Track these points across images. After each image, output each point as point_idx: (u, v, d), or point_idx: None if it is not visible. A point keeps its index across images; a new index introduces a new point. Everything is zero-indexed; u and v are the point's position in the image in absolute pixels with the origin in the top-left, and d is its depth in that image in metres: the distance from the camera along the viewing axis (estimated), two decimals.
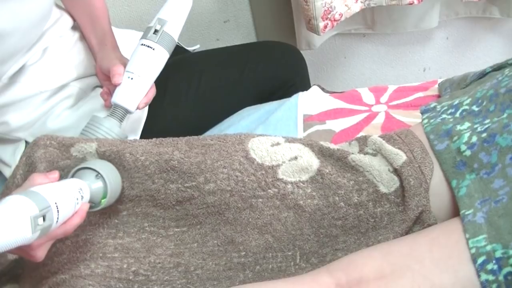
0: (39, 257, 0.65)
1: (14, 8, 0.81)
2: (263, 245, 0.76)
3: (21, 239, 0.54)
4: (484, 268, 0.60)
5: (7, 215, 0.53)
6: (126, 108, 0.92)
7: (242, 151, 0.78)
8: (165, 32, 0.93)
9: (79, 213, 0.66)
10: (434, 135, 0.77)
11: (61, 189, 0.63)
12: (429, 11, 1.59)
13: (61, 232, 0.65)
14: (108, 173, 0.73)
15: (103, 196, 0.72)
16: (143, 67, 0.93)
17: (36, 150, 0.79)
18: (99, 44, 1.03)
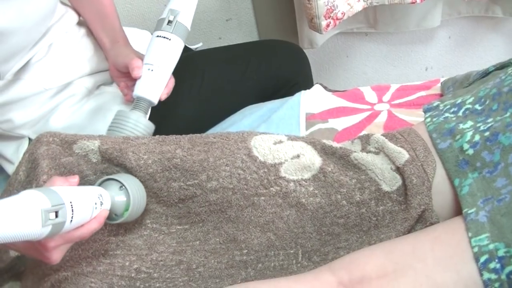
0: (55, 260, 0.64)
1: (19, 7, 0.81)
2: (265, 243, 0.76)
3: (31, 231, 0.53)
4: (486, 267, 0.59)
5: (18, 206, 0.52)
6: (149, 100, 0.94)
7: (245, 149, 0.78)
8: (178, 22, 0.94)
9: (97, 218, 0.66)
10: (436, 134, 0.77)
11: (78, 191, 0.63)
12: (432, 10, 1.58)
13: (78, 235, 0.64)
14: (133, 187, 0.73)
15: (125, 208, 0.72)
16: (161, 58, 0.94)
17: (39, 147, 0.80)
18: (110, 42, 1.03)
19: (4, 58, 0.85)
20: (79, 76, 1.02)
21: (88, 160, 0.80)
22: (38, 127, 0.99)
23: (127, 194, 0.72)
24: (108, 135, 0.83)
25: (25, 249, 0.66)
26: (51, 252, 0.63)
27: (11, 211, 0.51)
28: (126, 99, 1.00)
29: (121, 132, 0.90)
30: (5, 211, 0.51)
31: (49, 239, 0.61)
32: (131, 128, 0.90)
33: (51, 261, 0.64)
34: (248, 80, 1.22)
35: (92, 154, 0.80)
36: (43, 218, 0.54)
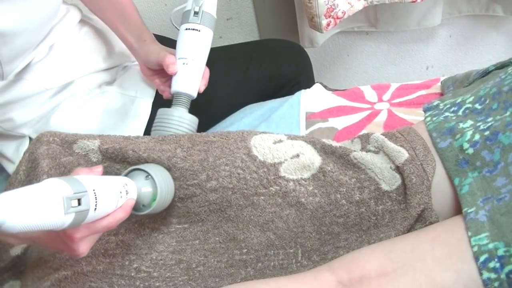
0: (82, 252, 0.63)
1: (24, 9, 0.81)
2: (265, 242, 0.76)
3: (53, 219, 0.52)
4: (486, 266, 0.59)
5: (39, 193, 0.52)
6: (189, 94, 0.94)
7: (245, 149, 0.77)
8: (205, 11, 0.94)
9: (123, 207, 0.65)
10: (436, 133, 0.77)
11: (102, 180, 0.62)
12: (432, 9, 1.58)
13: (105, 225, 0.62)
14: (159, 176, 0.72)
15: (153, 198, 0.71)
16: (194, 50, 0.94)
17: (39, 146, 0.80)
18: (137, 41, 1.02)
19: (9, 59, 0.85)
20: (80, 75, 1.02)
21: (89, 160, 0.80)
22: (39, 127, 0.99)
23: (154, 183, 0.71)
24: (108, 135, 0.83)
25: (52, 242, 0.64)
26: (77, 244, 0.62)
27: (32, 199, 0.50)
28: (165, 95, 1.00)
29: (167, 131, 0.89)
30: (27, 199, 0.50)
31: (75, 230, 0.60)
32: (176, 125, 0.90)
33: (78, 254, 0.63)
34: (249, 80, 1.22)
35: (92, 154, 0.80)
36: (65, 206, 0.53)
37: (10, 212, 0.47)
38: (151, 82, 1.04)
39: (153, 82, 1.03)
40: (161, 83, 1.00)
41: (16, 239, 0.67)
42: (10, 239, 0.67)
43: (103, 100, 1.04)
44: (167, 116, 0.91)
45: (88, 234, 0.62)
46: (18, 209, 0.48)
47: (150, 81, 1.04)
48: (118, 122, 1.05)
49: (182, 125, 0.90)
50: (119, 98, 1.06)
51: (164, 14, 1.67)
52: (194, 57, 0.94)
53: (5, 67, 0.84)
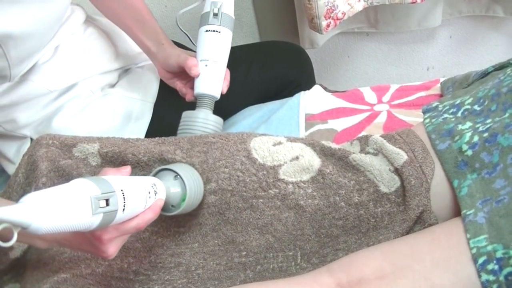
0: (111, 254, 0.62)
1: (35, 11, 0.81)
2: (264, 245, 0.76)
3: (81, 220, 0.51)
4: (484, 268, 0.59)
5: (67, 194, 0.50)
6: (212, 95, 0.94)
7: (244, 151, 0.77)
8: (224, 13, 0.94)
9: (152, 207, 0.63)
10: (435, 135, 0.76)
11: (130, 180, 0.60)
12: (432, 9, 1.58)
13: (133, 226, 0.61)
14: (188, 176, 0.71)
15: (182, 198, 0.70)
16: (215, 51, 0.94)
17: (38, 149, 0.80)
18: (155, 45, 1.02)
19: (18, 61, 0.85)
20: (84, 77, 1.02)
21: (88, 164, 0.80)
22: (41, 128, 0.99)
23: (183, 183, 0.70)
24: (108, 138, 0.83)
25: (80, 244, 0.64)
26: (106, 246, 0.61)
27: (59, 200, 0.49)
28: (187, 98, 0.99)
29: (192, 133, 0.89)
30: (53, 200, 0.49)
31: (104, 231, 0.59)
32: (201, 127, 0.90)
33: (107, 256, 0.62)
34: (251, 82, 1.22)
35: (91, 158, 0.80)
36: (93, 206, 0.52)
37: (37, 214, 0.46)
38: (171, 85, 1.04)
39: (174, 85, 1.02)
40: (183, 85, 1.00)
41: (43, 241, 0.66)
42: (36, 241, 0.66)
43: (105, 102, 1.04)
44: (193, 119, 0.91)
45: (117, 236, 0.61)
46: (44, 210, 0.47)
47: (170, 84, 1.04)
48: (120, 124, 1.05)
49: (207, 127, 0.91)
50: (121, 100, 1.06)
51: (164, 16, 1.67)
52: (216, 58, 0.94)
53: (13, 69, 0.84)
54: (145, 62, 1.16)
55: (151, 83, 1.11)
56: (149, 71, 1.13)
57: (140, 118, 1.07)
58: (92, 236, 0.60)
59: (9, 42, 0.79)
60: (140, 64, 1.16)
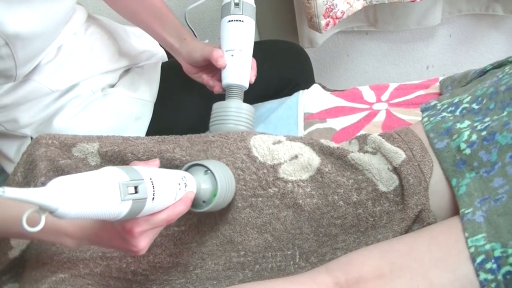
0: (142, 248, 0.61)
1: (43, 12, 0.81)
2: (263, 244, 0.76)
3: (109, 207, 0.50)
4: (483, 267, 0.59)
5: (94, 179, 0.49)
6: (241, 85, 0.94)
7: (244, 149, 0.77)
8: (245, 2, 0.94)
9: (183, 200, 0.62)
10: (434, 134, 0.76)
11: (159, 171, 0.59)
12: (432, 8, 1.58)
13: (164, 218, 0.60)
14: (219, 171, 0.70)
15: (213, 194, 0.68)
16: (240, 41, 0.94)
17: (37, 148, 0.80)
18: (177, 41, 1.01)
19: (25, 61, 0.85)
20: (86, 77, 1.01)
21: (87, 163, 0.80)
22: (42, 128, 0.99)
23: (214, 179, 0.68)
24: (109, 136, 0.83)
25: (110, 240, 0.63)
26: (137, 239, 0.60)
27: (87, 184, 0.48)
28: (216, 90, 0.99)
29: (226, 124, 0.89)
30: (81, 184, 0.48)
31: (135, 224, 0.58)
32: (234, 116, 0.90)
33: (138, 250, 0.61)
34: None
35: (91, 157, 0.80)
36: (122, 192, 0.51)
37: (64, 197, 0.45)
38: (197, 79, 1.03)
39: (200, 79, 1.01)
40: (209, 78, 0.99)
41: (72, 239, 0.66)
42: (65, 239, 0.66)
43: (105, 102, 1.04)
44: (225, 109, 0.91)
45: (148, 229, 0.59)
46: (72, 194, 0.46)
47: (196, 78, 1.03)
48: (120, 124, 1.05)
49: (240, 116, 0.91)
50: (121, 100, 1.06)
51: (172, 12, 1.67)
52: (241, 47, 0.94)
53: (19, 69, 0.83)
54: (146, 62, 1.16)
55: (151, 82, 1.11)
56: (149, 70, 1.13)
57: (141, 117, 1.07)
58: (122, 230, 0.59)
59: (18, 43, 0.79)
60: (140, 64, 1.16)
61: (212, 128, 0.92)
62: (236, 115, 0.90)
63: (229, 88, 0.94)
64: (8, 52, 0.79)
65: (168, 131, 0.90)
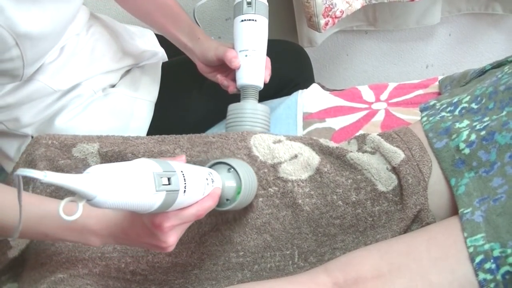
0: (171, 243, 0.61)
1: (53, 11, 0.81)
2: (262, 244, 0.75)
3: (144, 196, 0.49)
4: (482, 267, 0.59)
5: (130, 169, 0.49)
6: (256, 85, 0.94)
7: (245, 149, 0.77)
8: (257, 1, 0.93)
9: (211, 195, 0.62)
10: (433, 133, 0.76)
11: (188, 165, 0.59)
12: (431, 7, 1.58)
13: (193, 213, 0.60)
14: (242, 169, 0.69)
15: (237, 191, 0.68)
16: (253, 41, 0.93)
17: (37, 148, 0.80)
18: (191, 40, 1.01)
19: (32, 61, 0.85)
20: (88, 77, 1.01)
21: (87, 164, 0.80)
22: (43, 127, 0.99)
23: (237, 176, 0.68)
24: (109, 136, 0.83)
25: (139, 236, 0.62)
26: (167, 234, 0.59)
27: (125, 174, 0.48)
28: (230, 90, 0.98)
29: (242, 125, 0.89)
30: (119, 173, 0.47)
31: (165, 218, 0.57)
32: (250, 117, 0.90)
33: (167, 245, 0.61)
34: None
35: (91, 158, 0.80)
36: (156, 182, 0.50)
37: (103, 186, 0.45)
38: (212, 79, 1.02)
39: (215, 79, 1.01)
40: (224, 78, 0.99)
41: (98, 237, 0.66)
42: (90, 237, 0.66)
43: (106, 102, 1.04)
44: (240, 110, 0.91)
45: (177, 224, 0.59)
46: (110, 183, 0.46)
47: (210, 78, 1.03)
48: (121, 124, 1.05)
49: (256, 117, 0.90)
50: (122, 100, 1.06)
51: None
52: (255, 47, 0.93)
53: (26, 69, 0.83)
54: (146, 62, 1.16)
55: (152, 82, 1.11)
56: (150, 70, 1.13)
57: (141, 117, 1.07)
58: (152, 225, 0.58)
59: (27, 43, 0.79)
60: (141, 64, 1.16)
61: (228, 130, 0.91)
62: (252, 116, 0.90)
63: (244, 88, 0.94)
64: (18, 53, 0.79)
65: (169, 130, 0.90)
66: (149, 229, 0.60)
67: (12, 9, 0.74)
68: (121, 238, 0.65)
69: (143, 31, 1.23)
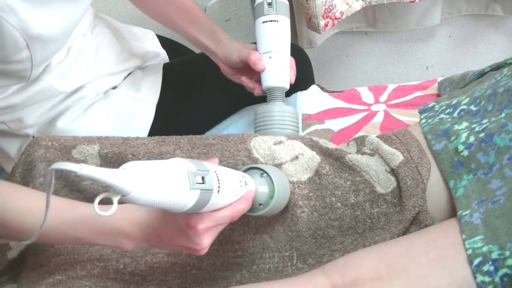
0: (205, 246, 0.60)
1: (64, 14, 0.81)
2: (260, 245, 0.75)
3: (178, 194, 0.49)
4: (480, 269, 0.59)
5: (165, 166, 0.49)
6: (282, 86, 0.93)
7: (245, 151, 0.77)
8: (278, 1, 0.93)
9: (244, 198, 0.62)
10: (431, 135, 0.76)
11: (221, 167, 0.59)
12: (431, 8, 1.58)
13: (228, 215, 0.59)
14: (275, 174, 0.69)
15: (270, 196, 0.67)
16: (277, 42, 0.93)
17: (37, 149, 0.80)
18: (213, 43, 1.00)
19: (41, 62, 0.85)
20: (92, 79, 1.01)
21: None
22: (45, 128, 0.99)
23: (270, 181, 0.68)
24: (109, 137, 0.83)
25: (172, 238, 0.62)
26: (201, 236, 0.59)
27: (159, 171, 0.48)
28: (256, 92, 0.98)
29: (270, 128, 0.89)
30: (154, 170, 0.48)
31: (199, 220, 0.57)
32: (279, 120, 0.90)
33: (201, 248, 0.60)
34: None
35: (91, 159, 0.80)
36: (190, 180, 0.50)
37: (138, 181, 0.45)
38: (236, 81, 1.02)
39: (239, 81, 1.00)
40: (249, 80, 0.98)
41: (131, 240, 0.65)
42: (123, 240, 0.65)
43: (108, 103, 1.04)
44: (268, 114, 0.91)
45: (212, 226, 0.59)
46: (145, 178, 0.46)
47: (234, 80, 1.02)
48: (122, 125, 1.05)
49: (284, 119, 0.90)
50: (123, 101, 1.06)
51: None
52: (279, 48, 0.92)
53: (33, 70, 0.83)
54: (148, 63, 1.16)
55: (153, 83, 1.11)
56: (151, 71, 1.13)
57: (143, 118, 1.07)
58: (187, 226, 0.58)
59: (37, 45, 0.79)
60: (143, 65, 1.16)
61: (259, 132, 0.91)
62: (280, 118, 0.90)
63: (270, 91, 0.93)
64: (27, 55, 0.78)
65: (170, 131, 0.90)
66: (183, 231, 0.59)
67: (25, 11, 0.74)
68: (154, 240, 0.64)
69: (144, 32, 1.23)
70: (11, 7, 0.71)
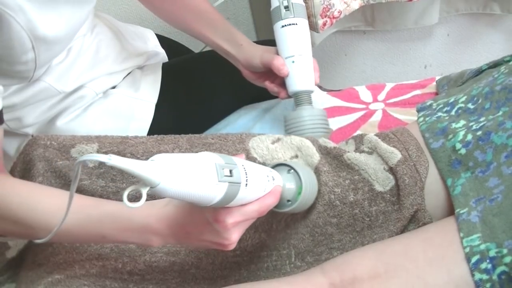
0: (234, 241, 0.60)
1: (69, 16, 0.81)
2: (258, 244, 0.76)
3: (206, 187, 0.49)
4: (478, 267, 0.59)
5: (193, 159, 0.49)
6: (308, 90, 0.93)
7: (243, 151, 0.77)
8: (294, 3, 0.92)
9: (272, 192, 0.61)
10: (429, 133, 0.76)
11: (249, 162, 0.59)
12: (429, 7, 1.58)
13: (256, 209, 0.59)
14: (303, 170, 0.68)
15: (298, 192, 0.67)
16: (298, 45, 0.92)
17: (35, 148, 0.80)
18: (233, 47, 0.98)
19: (44, 63, 0.85)
20: (91, 79, 1.01)
21: (85, 165, 0.80)
22: (44, 128, 0.99)
23: (297, 177, 0.67)
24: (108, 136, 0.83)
25: (201, 234, 0.62)
26: (230, 231, 0.58)
27: (187, 163, 0.48)
28: (281, 96, 0.97)
29: (302, 134, 0.88)
30: (182, 162, 0.48)
31: (228, 214, 0.57)
32: (310, 124, 0.90)
33: (230, 243, 0.60)
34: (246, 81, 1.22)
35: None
36: (218, 172, 0.50)
37: (166, 173, 0.45)
38: (259, 85, 1.00)
39: (263, 85, 0.99)
40: (273, 85, 0.97)
41: (159, 237, 0.64)
42: (151, 236, 0.64)
43: (107, 103, 1.04)
44: (298, 119, 0.91)
45: (240, 220, 0.58)
46: (173, 170, 0.46)
47: (258, 84, 1.01)
48: (121, 124, 1.05)
49: (315, 123, 0.90)
50: (122, 101, 1.06)
51: None
52: (301, 52, 0.92)
53: (36, 71, 0.83)
54: (147, 62, 1.16)
55: (152, 83, 1.11)
56: (151, 71, 1.13)
57: (142, 118, 1.07)
58: (215, 221, 0.57)
59: (42, 46, 0.78)
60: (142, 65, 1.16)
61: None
62: (310, 123, 0.90)
63: (296, 95, 0.93)
64: (32, 56, 0.78)
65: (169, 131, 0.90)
66: (211, 226, 0.59)
67: (33, 12, 0.73)
68: (182, 236, 0.64)
69: (143, 31, 1.23)
70: (21, 6, 0.71)
